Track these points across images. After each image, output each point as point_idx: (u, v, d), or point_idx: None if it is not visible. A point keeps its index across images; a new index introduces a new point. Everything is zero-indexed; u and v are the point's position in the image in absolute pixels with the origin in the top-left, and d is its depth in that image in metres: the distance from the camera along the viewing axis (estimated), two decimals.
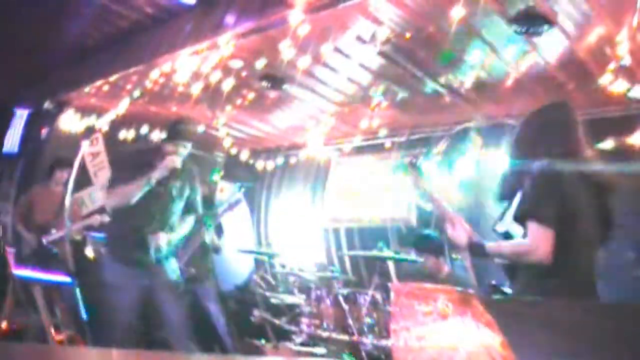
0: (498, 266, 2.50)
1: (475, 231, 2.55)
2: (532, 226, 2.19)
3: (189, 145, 3.69)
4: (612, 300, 2.86)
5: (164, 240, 3.51)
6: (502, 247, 2.37)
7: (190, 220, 3.84)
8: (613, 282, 2.77)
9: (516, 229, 2.33)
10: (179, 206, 3.71)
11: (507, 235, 2.39)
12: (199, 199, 3.90)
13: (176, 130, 3.71)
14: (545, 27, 3.33)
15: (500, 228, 2.42)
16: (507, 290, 2.50)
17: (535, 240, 2.17)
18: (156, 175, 3.51)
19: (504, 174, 2.53)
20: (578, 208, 2.23)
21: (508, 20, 3.39)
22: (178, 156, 3.58)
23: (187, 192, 3.76)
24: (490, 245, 2.40)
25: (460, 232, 2.54)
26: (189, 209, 3.80)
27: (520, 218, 2.28)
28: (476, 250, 2.47)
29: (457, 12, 3.23)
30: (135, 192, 3.49)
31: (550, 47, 3.69)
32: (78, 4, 4.39)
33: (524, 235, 2.25)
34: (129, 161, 3.99)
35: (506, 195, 2.47)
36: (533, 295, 2.23)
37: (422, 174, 2.84)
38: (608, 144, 3.85)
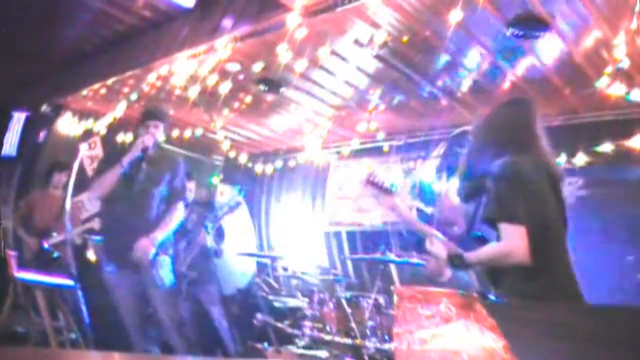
0: (480, 274, 2.53)
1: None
2: (504, 226, 2.19)
3: (160, 125, 3.66)
4: (614, 303, 2.89)
5: (148, 247, 3.44)
6: (481, 253, 2.37)
7: (180, 207, 3.72)
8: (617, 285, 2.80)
9: (489, 232, 2.35)
10: (159, 190, 3.62)
11: (482, 239, 2.41)
12: (185, 184, 3.84)
13: (145, 112, 3.74)
14: (542, 30, 3.37)
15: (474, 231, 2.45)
16: (492, 297, 2.49)
17: (510, 241, 2.18)
18: (128, 157, 3.49)
19: (465, 176, 2.53)
20: (544, 201, 2.25)
21: (505, 24, 3.40)
22: (149, 135, 3.56)
23: (167, 176, 3.66)
24: (469, 254, 2.41)
25: (438, 247, 2.55)
26: (173, 194, 3.69)
27: (490, 220, 2.29)
28: (456, 261, 2.47)
29: (455, 16, 3.22)
30: (111, 178, 3.48)
31: (547, 50, 3.71)
32: (75, 8, 4.36)
33: (498, 238, 2.25)
34: (106, 154, 3.99)
35: (470, 197, 2.49)
36: (518, 299, 2.24)
37: (382, 189, 2.85)
38: (606, 147, 3.89)
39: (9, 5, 4.24)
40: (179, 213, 3.73)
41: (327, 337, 3.69)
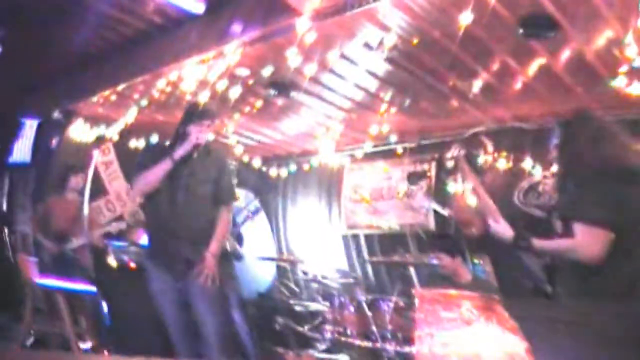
0: (538, 265, 2.53)
1: None
2: (584, 226, 2.21)
3: (211, 125, 3.49)
4: None
5: (211, 264, 3.30)
6: (549, 243, 2.38)
7: (230, 211, 3.57)
8: None
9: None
10: (205, 189, 3.44)
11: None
12: (233, 185, 3.66)
13: (195, 110, 3.53)
14: (554, 30, 3.36)
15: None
16: (548, 289, 2.52)
17: (585, 239, 2.20)
18: (179, 152, 3.32)
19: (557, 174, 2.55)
20: (635, 209, 2.24)
21: (516, 24, 3.39)
22: (202, 133, 3.39)
23: (214, 175, 3.48)
24: (536, 240, 2.41)
25: (505, 226, 2.56)
26: (220, 195, 3.49)
27: (569, 217, 2.31)
28: (522, 244, 2.46)
29: (465, 17, 3.22)
30: (159, 173, 3.31)
31: (559, 49, 3.71)
32: (85, 14, 4.36)
33: (565, 234, 2.28)
34: (151, 149, 3.84)
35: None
36: (577, 297, 2.28)
37: (474, 169, 2.88)
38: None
39: (18, 11, 4.26)
40: (229, 217, 3.61)
41: (348, 341, 3.70)
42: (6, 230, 5.84)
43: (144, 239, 5.26)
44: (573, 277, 2.30)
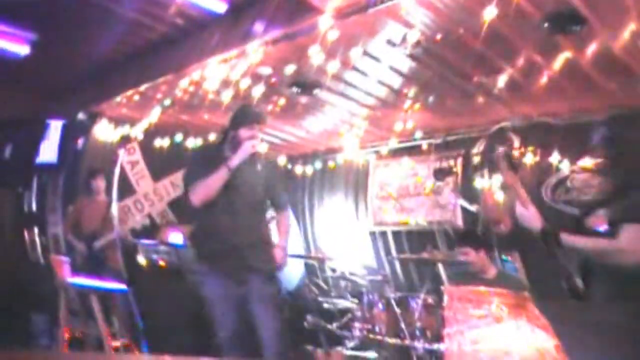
0: (571, 262, 2.42)
1: None
2: (634, 228, 2.12)
3: (262, 129, 3.48)
4: None
5: (282, 257, 3.37)
6: (582, 239, 2.28)
7: (288, 216, 3.58)
8: None
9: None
10: (261, 196, 3.45)
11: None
12: (286, 192, 3.69)
13: (247, 113, 3.49)
14: (580, 24, 3.31)
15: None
16: (581, 290, 2.40)
17: (631, 242, 2.11)
18: (236, 161, 3.26)
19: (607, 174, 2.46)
20: None
21: (542, 19, 3.35)
22: (257, 139, 3.35)
23: (266, 181, 3.47)
24: (566, 235, 2.31)
25: (534, 214, 2.48)
26: (276, 201, 3.52)
27: (619, 218, 2.22)
28: (550, 236, 2.37)
29: (490, 13, 3.18)
30: (217, 182, 3.25)
31: (585, 46, 3.66)
32: (109, 19, 4.38)
33: (607, 234, 2.21)
34: (201, 156, 3.79)
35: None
36: (613, 301, 2.23)
37: (512, 165, 2.76)
38: None
39: (43, 16, 4.30)
40: (288, 221, 3.62)
41: (377, 338, 3.71)
42: (37, 231, 5.95)
43: (173, 238, 5.35)
44: (610, 280, 2.24)
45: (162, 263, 4.82)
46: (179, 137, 6.08)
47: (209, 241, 3.42)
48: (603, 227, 2.29)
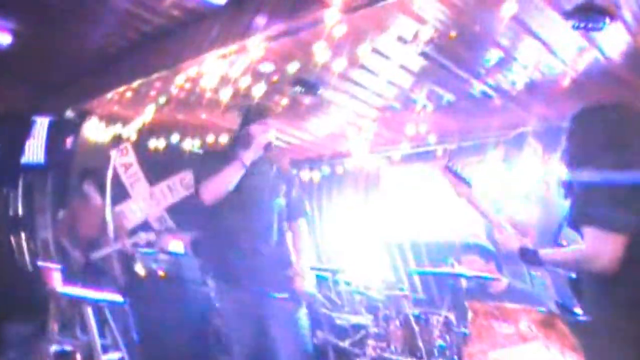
0: (562, 280, 2.36)
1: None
2: (592, 232, 1.96)
3: (272, 122, 3.36)
4: None
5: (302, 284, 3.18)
6: (558, 254, 2.18)
7: (305, 224, 3.41)
8: None
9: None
10: (278, 204, 3.27)
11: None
12: (303, 197, 3.53)
13: (256, 110, 3.45)
14: (606, 21, 3.17)
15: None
16: (575, 308, 2.28)
17: (594, 247, 1.95)
18: (250, 155, 3.12)
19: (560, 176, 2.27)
20: None
21: (564, 15, 3.21)
22: (269, 133, 3.24)
23: (283, 188, 3.32)
24: (545, 251, 2.23)
25: (509, 237, 2.47)
26: (294, 209, 3.36)
27: (578, 223, 2.04)
28: (529, 256, 2.33)
29: (508, 8, 3.04)
30: (230, 178, 3.08)
31: (612, 43, 3.50)
32: (100, 10, 4.23)
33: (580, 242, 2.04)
34: (212, 153, 3.69)
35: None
36: (600, 313, 2.03)
37: (460, 179, 2.72)
38: None
39: (32, 9, 4.17)
40: (306, 230, 3.43)
41: (391, 357, 3.52)
42: (24, 236, 5.72)
43: (173, 246, 5.15)
44: (595, 289, 2.04)
45: (161, 273, 4.62)
46: (174, 138, 5.92)
47: (223, 254, 3.22)
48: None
